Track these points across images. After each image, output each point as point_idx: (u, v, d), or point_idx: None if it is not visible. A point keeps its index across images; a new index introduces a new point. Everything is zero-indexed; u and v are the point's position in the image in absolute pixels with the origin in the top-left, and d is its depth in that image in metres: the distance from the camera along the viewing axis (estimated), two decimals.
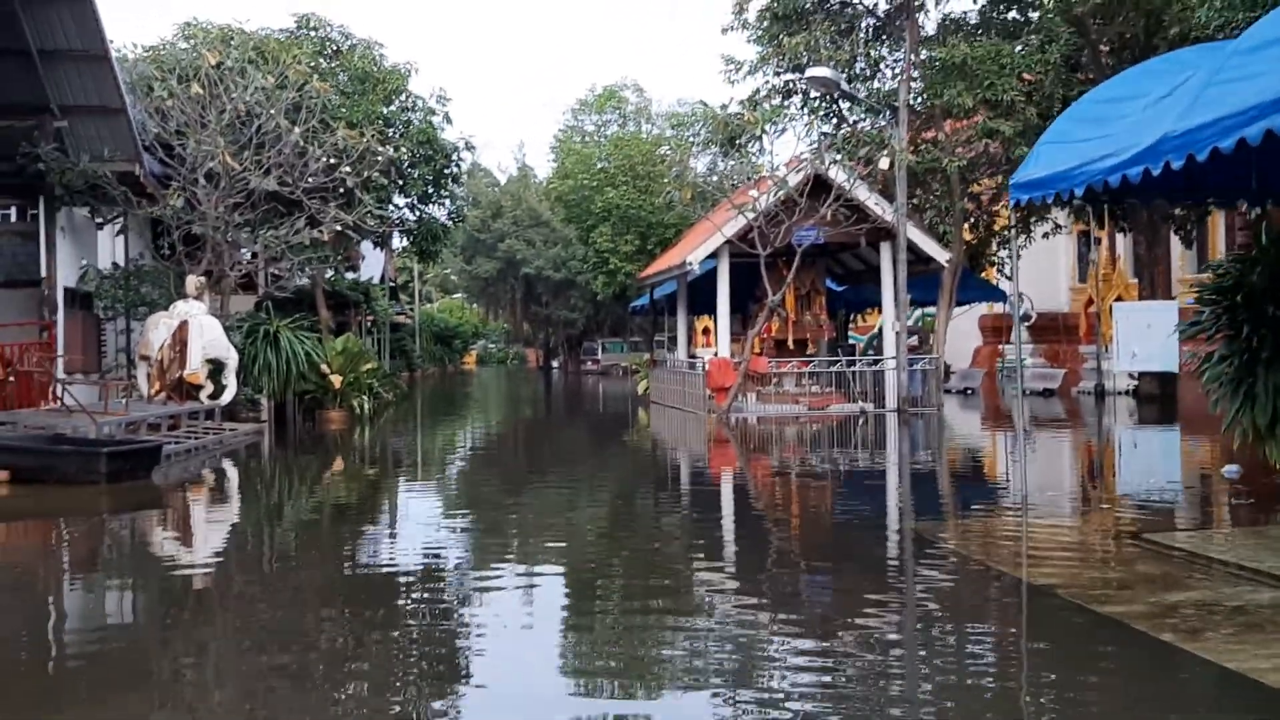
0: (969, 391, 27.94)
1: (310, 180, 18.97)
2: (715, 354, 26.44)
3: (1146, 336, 21.89)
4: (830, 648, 4.93)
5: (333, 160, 19.34)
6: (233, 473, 13.86)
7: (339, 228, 19.33)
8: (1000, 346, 38.64)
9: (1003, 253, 26.58)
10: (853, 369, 20.71)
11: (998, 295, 27.77)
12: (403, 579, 7.02)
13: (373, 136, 19.76)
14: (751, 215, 18.42)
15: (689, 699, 4.32)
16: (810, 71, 18.33)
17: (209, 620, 5.95)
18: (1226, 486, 9.37)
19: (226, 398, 17.70)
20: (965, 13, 23.00)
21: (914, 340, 24.76)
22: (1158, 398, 22.68)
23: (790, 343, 21.45)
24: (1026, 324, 37.99)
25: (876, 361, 21.08)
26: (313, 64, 20.26)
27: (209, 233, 18.99)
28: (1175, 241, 27.15)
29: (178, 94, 18.13)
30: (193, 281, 18.12)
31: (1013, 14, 22.16)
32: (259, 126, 18.55)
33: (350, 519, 10.05)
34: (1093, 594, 5.43)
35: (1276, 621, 4.76)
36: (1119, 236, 30.98)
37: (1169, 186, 8.93)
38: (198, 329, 17.45)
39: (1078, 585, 5.68)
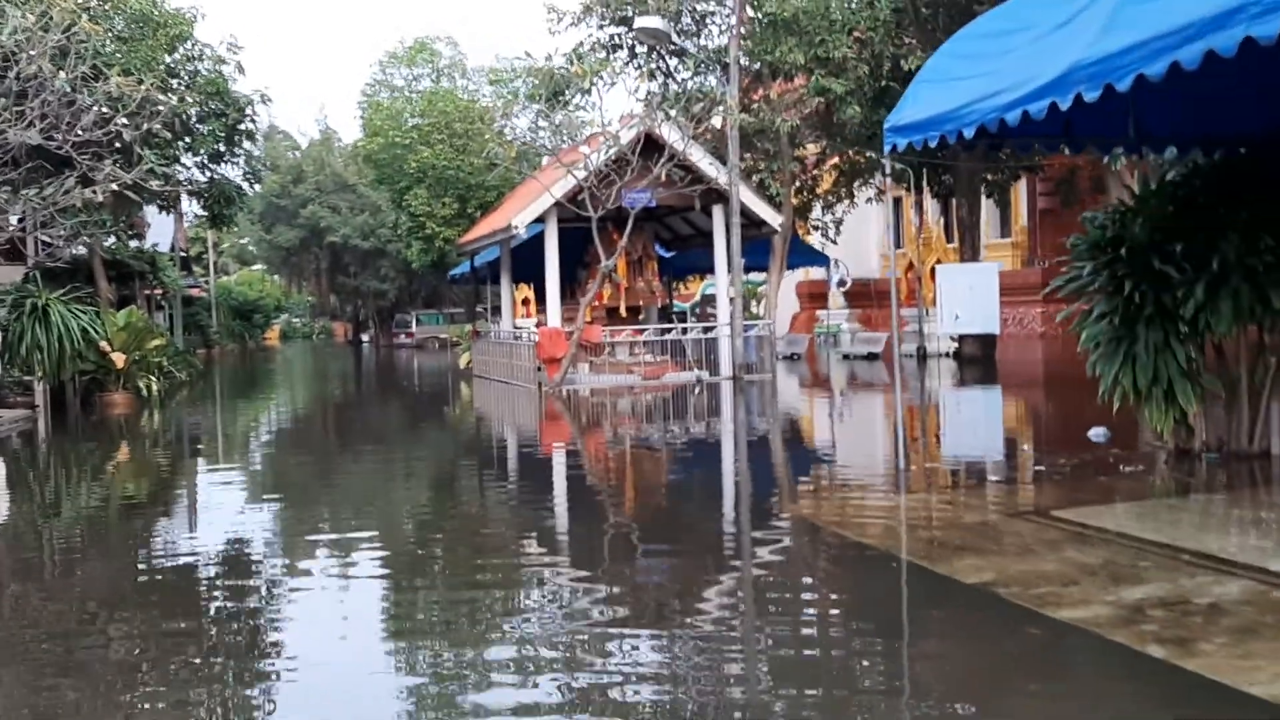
0: (794, 357, 27.80)
1: (81, 133, 16.66)
2: (539, 324, 25.32)
3: (969, 299, 22.04)
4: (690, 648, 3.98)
5: (106, 111, 17.06)
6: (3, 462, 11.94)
7: (116, 187, 17.06)
8: (817, 312, 39.14)
9: (826, 217, 26.43)
10: (686, 337, 19.97)
11: (822, 260, 27.67)
12: (199, 579, 6.08)
13: (153, 85, 17.55)
14: (582, 174, 17.32)
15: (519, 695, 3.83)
16: (639, 22, 17.35)
17: None
18: (1103, 451, 8.95)
19: None
20: None
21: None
22: (979, 359, 22.96)
23: (623, 310, 20.54)
24: (842, 289, 38.58)
25: (710, 329, 20.41)
26: (81, 2, 17.81)
27: None
28: (985, 206, 27.72)
29: None
30: None
31: None
32: (18, 73, 16.15)
33: (135, 513, 8.64)
34: (1036, 593, 4.65)
35: (1267, 622, 4.05)
36: (931, 201, 31.52)
37: (1048, 131, 8.37)
38: None
39: (1013, 580, 4.88)
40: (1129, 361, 8.30)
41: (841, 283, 37.53)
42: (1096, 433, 9.74)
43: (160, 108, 17.57)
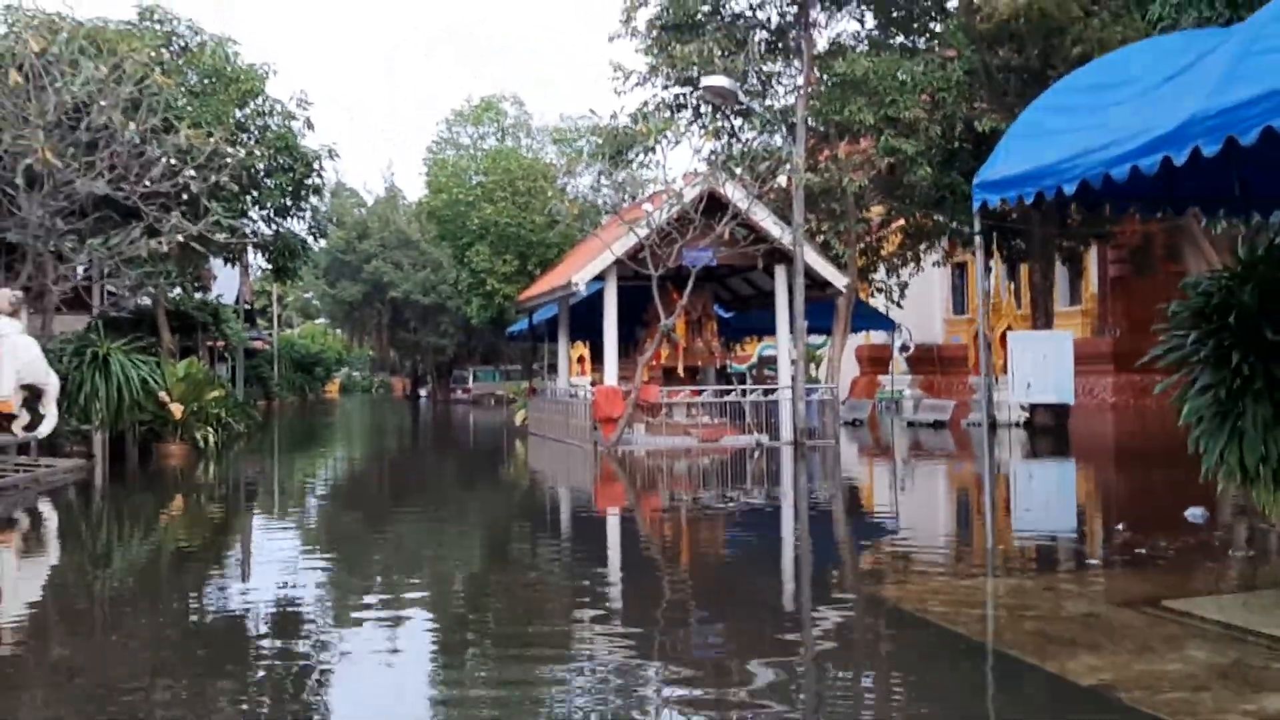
0: (857, 423, 27.11)
1: (149, 185, 16.81)
2: (594, 382, 25.00)
3: (1042, 367, 21.34)
4: None
5: (175, 163, 17.20)
6: (50, 514, 11.74)
7: (181, 238, 17.13)
8: (879, 378, 38.41)
9: (891, 280, 25.91)
10: (746, 399, 19.49)
11: (885, 324, 27.07)
12: (251, 635, 5.98)
13: (222, 138, 17.67)
14: (644, 232, 17.04)
15: None
16: (706, 80, 17.14)
17: (21, 687, 4.89)
18: (1204, 533, 8.30)
19: (45, 429, 15.36)
20: (856, 33, 22.23)
21: None
22: (1051, 430, 22.15)
23: (680, 370, 20.11)
24: (905, 354, 37.86)
25: (771, 391, 19.91)
26: (155, 56, 18.06)
27: (28, 241, 16.66)
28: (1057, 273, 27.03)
29: None
30: (6, 296, 15.70)
31: (900, 39, 21.59)
32: (89, 123, 16.34)
33: (187, 566, 8.41)
34: (1164, 699, 4.09)
35: None
36: (999, 267, 30.85)
37: (1150, 192, 7.88)
38: (10, 350, 15.05)
39: (1134, 683, 4.32)
40: (1235, 438, 7.67)
41: (904, 347, 36.86)
42: (1194, 513, 9.09)
43: (228, 160, 17.67)
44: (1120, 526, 8.37)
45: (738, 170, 17.30)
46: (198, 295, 27.90)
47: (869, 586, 6.80)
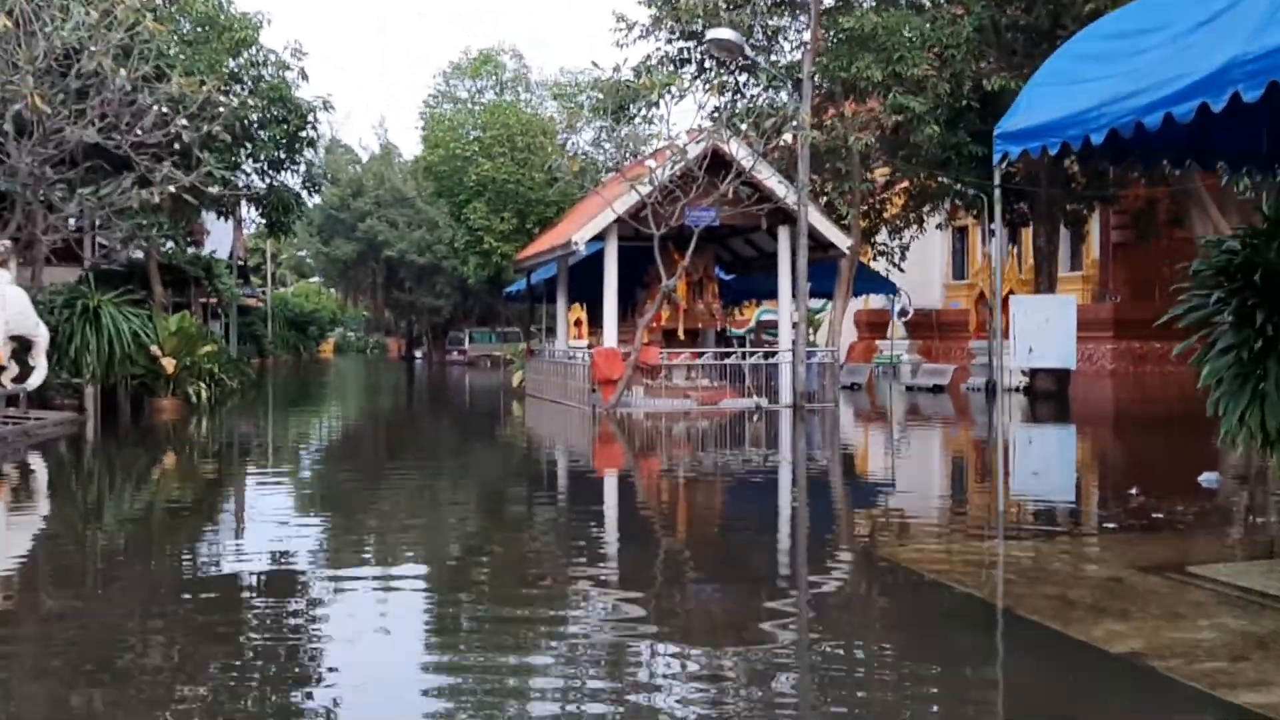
0: (855, 387, 26.88)
1: (140, 134, 16.44)
2: (590, 345, 24.74)
3: (1044, 331, 21.13)
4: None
5: (167, 112, 16.82)
6: (40, 467, 11.53)
7: (174, 189, 16.79)
8: (876, 342, 38.19)
9: (894, 243, 25.61)
10: (746, 362, 19.26)
11: (887, 287, 26.80)
12: (244, 589, 5.85)
13: (215, 87, 17.27)
14: (647, 189, 16.71)
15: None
16: (712, 33, 16.76)
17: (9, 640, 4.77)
18: (1220, 499, 8.11)
19: (35, 381, 15.13)
20: None
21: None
22: (1053, 395, 21.95)
23: (681, 333, 19.84)
24: (904, 319, 37.62)
25: (771, 354, 19.69)
26: (146, 2, 17.60)
27: (17, 190, 16.32)
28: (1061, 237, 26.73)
29: None
30: None
31: None
32: (79, 70, 15.94)
33: (179, 522, 8.23)
34: (1201, 669, 3.89)
35: None
36: (1002, 230, 30.52)
37: (1178, 144, 7.61)
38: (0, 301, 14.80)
39: (1168, 651, 4.12)
40: (1257, 400, 7.47)
41: (903, 312, 36.60)
42: (1208, 478, 8.90)
43: (221, 110, 17.29)
44: (1134, 491, 8.16)
45: (743, 126, 16.93)
46: (190, 249, 27.54)
47: (884, 550, 6.60)
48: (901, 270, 26.25)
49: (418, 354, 62.07)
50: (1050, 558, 5.99)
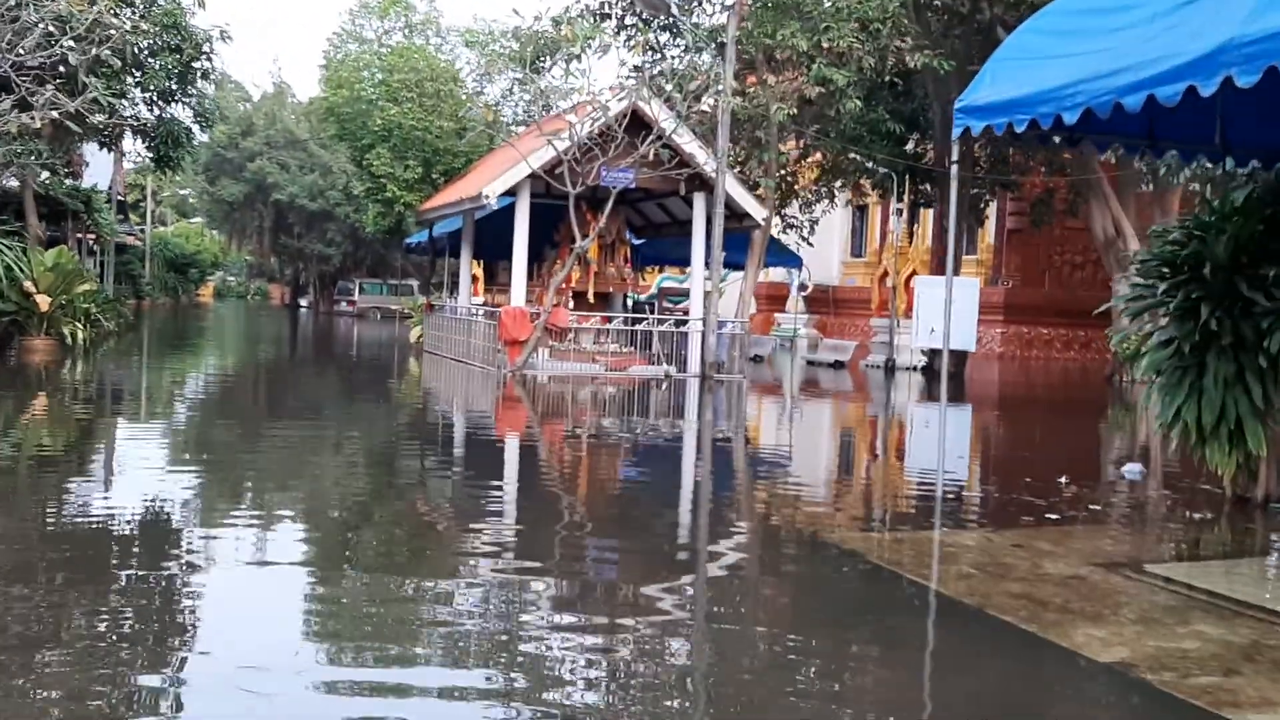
0: (757, 359, 26.82)
1: (22, 53, 15.19)
2: (485, 302, 24.12)
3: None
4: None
5: (52, 31, 15.59)
6: None
7: (56, 114, 15.58)
8: (775, 315, 38.35)
9: (803, 217, 25.54)
10: (657, 329, 18.93)
11: (793, 261, 26.76)
12: (106, 546, 5.46)
13: (105, 8, 16.06)
14: (564, 145, 16.16)
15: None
16: None
17: None
18: (1152, 491, 8.10)
19: None
20: None
21: (687, 303, 23.01)
22: (951, 376, 22.18)
23: (591, 295, 19.39)
24: (803, 294, 37.83)
25: (683, 323, 19.40)
26: None
27: None
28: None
29: None
30: None
31: None
32: None
33: (51, 468, 7.77)
34: (1197, 684, 3.69)
35: None
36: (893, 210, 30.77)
37: (1133, 130, 7.48)
38: None
39: (1156, 663, 3.92)
40: (1194, 395, 7.45)
41: (803, 286, 36.84)
42: (1132, 469, 8.90)
43: (111, 33, 16.10)
44: (1063, 480, 8.09)
45: (668, 87, 16.46)
46: (69, 181, 25.88)
47: (827, 535, 6.32)
48: (811, 244, 26.23)
49: (303, 303, 60.13)
50: (1002, 550, 5.79)
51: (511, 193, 18.03)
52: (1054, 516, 6.73)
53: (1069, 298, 30.04)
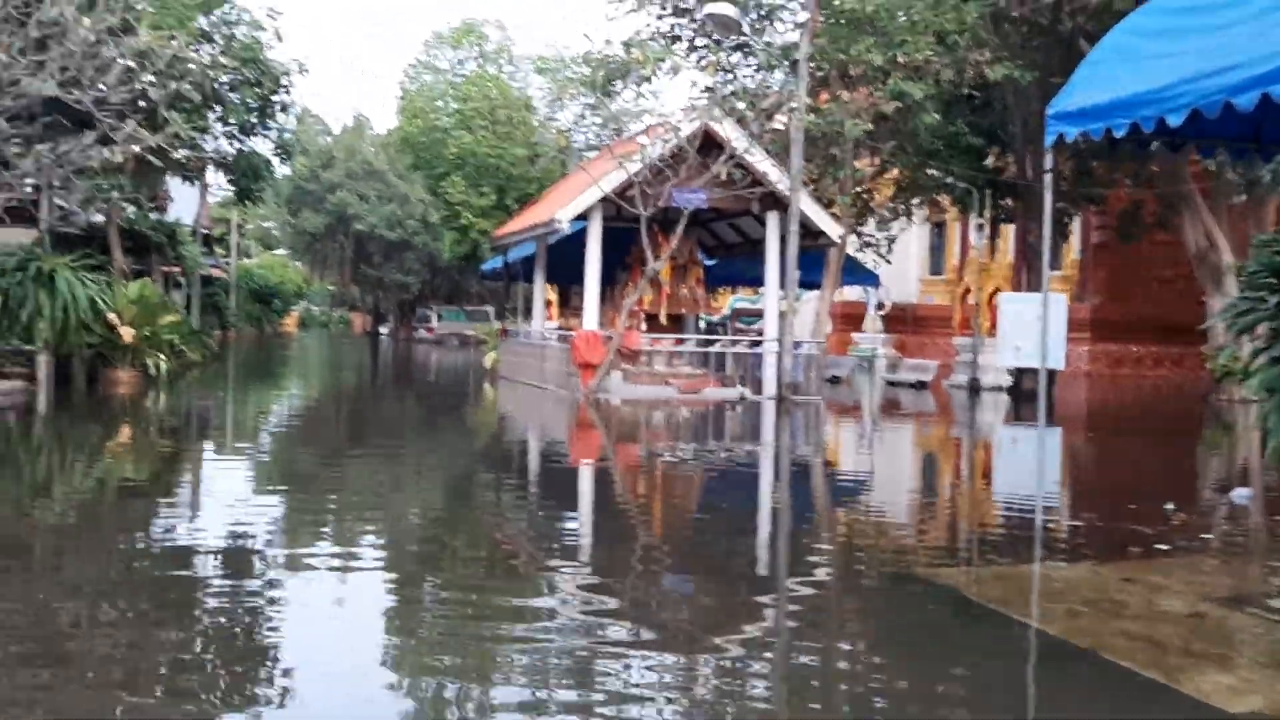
0: (835, 380, 26.35)
1: (104, 89, 15.51)
2: (560, 327, 23.99)
3: (1032, 330, 20.65)
4: None
5: (133, 67, 15.89)
6: None
7: (137, 149, 15.86)
8: (852, 335, 37.75)
9: (880, 234, 25.08)
10: (731, 350, 18.64)
11: (870, 279, 26.29)
12: (197, 576, 5.42)
13: (185, 43, 16.36)
14: (636, 167, 16.01)
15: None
16: (709, 7, 16.08)
17: None
18: (1262, 518, 7.58)
19: None
20: None
21: (761, 324, 22.59)
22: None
23: (663, 317, 19.18)
24: (880, 313, 37.18)
25: (757, 344, 19.09)
26: None
27: None
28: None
29: None
30: None
31: None
32: (39, 18, 14.97)
33: (133, 500, 7.79)
34: None
35: None
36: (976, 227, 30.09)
37: (1240, 133, 7.04)
38: None
39: None
40: None
41: (880, 305, 36.20)
42: (1241, 494, 8.38)
43: (191, 67, 16.42)
44: (1170, 506, 7.60)
45: (740, 106, 16.24)
46: (153, 215, 26.49)
47: (916, 568, 5.96)
48: (889, 262, 25.75)
49: (384, 330, 61.03)
50: (1111, 585, 5.39)
51: (584, 217, 17.95)
52: (1164, 547, 6.29)
53: (1159, 313, 29.03)
